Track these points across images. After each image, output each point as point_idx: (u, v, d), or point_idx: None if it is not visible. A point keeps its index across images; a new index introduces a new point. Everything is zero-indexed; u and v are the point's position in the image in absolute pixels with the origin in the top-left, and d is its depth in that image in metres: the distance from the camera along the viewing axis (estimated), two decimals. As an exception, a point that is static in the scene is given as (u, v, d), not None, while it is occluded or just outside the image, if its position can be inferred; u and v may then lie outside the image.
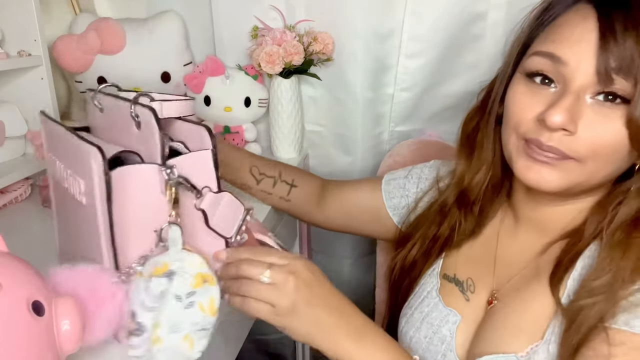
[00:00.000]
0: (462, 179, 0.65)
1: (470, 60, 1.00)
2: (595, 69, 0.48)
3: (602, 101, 0.49)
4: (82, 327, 0.43)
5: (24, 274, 0.43)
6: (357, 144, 1.09)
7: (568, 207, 0.57)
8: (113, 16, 1.07)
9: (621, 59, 0.46)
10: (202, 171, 0.51)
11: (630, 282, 0.47)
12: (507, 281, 0.60)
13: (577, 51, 0.49)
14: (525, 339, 0.53)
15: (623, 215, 0.51)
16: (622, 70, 0.47)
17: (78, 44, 1.00)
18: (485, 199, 0.65)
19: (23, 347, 0.39)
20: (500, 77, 0.60)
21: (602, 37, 0.47)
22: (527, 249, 0.61)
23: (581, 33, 0.49)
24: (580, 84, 0.49)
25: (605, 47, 0.47)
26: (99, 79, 1.04)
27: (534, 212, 0.61)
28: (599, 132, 0.49)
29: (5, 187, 0.88)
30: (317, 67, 1.03)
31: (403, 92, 1.04)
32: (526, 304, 0.56)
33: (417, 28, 0.96)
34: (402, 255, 0.71)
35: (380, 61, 1.00)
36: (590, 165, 0.51)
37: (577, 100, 0.49)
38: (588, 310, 0.48)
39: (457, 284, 0.64)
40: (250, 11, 1.02)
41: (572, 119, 0.49)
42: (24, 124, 0.94)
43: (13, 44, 0.91)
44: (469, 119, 0.66)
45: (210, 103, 1.08)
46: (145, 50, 1.04)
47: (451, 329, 0.61)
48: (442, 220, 0.68)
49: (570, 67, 0.49)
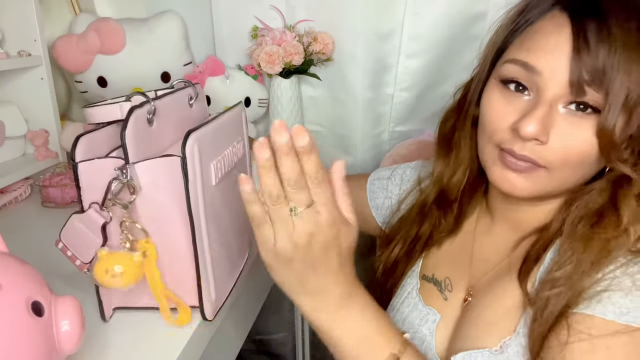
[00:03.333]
0: (440, 178, 0.66)
1: (470, 61, 0.99)
2: (568, 79, 0.48)
3: (574, 110, 0.50)
4: (82, 327, 0.43)
5: (24, 274, 0.43)
6: (357, 144, 1.10)
7: (542, 207, 0.58)
8: (113, 16, 1.07)
9: (593, 71, 0.47)
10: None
11: (590, 274, 0.48)
12: (481, 278, 0.61)
13: (551, 61, 0.49)
14: (498, 333, 0.54)
15: (584, 208, 0.53)
16: (594, 82, 0.47)
17: (78, 44, 1.00)
18: (464, 198, 0.66)
19: (23, 348, 0.39)
20: (476, 79, 0.61)
21: (575, 48, 0.48)
22: (501, 246, 0.62)
23: (555, 43, 0.49)
24: (554, 93, 0.49)
25: (579, 58, 0.47)
26: (99, 79, 1.04)
27: (509, 211, 0.62)
28: (569, 141, 0.50)
29: (5, 187, 0.88)
30: (317, 67, 1.03)
31: (403, 92, 1.04)
32: (498, 299, 0.56)
33: (417, 28, 0.96)
34: (384, 256, 0.72)
35: (380, 61, 1.00)
36: (560, 173, 0.52)
37: (550, 110, 0.50)
38: (552, 300, 0.49)
39: (436, 283, 0.65)
40: (250, 11, 1.02)
41: (544, 129, 0.50)
42: (24, 124, 0.94)
43: (13, 44, 0.91)
44: (446, 119, 0.67)
45: (210, 103, 1.08)
46: (145, 50, 1.04)
47: (431, 327, 0.62)
48: (422, 220, 0.68)
49: (544, 77, 0.50)
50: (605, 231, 0.50)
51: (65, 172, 0.93)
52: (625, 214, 0.49)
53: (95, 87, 1.05)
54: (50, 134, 0.96)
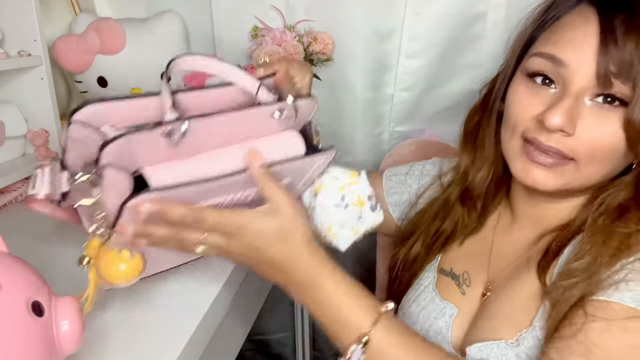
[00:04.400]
0: (465, 175, 0.66)
1: (470, 60, 1.00)
2: (595, 72, 0.49)
3: (601, 103, 0.50)
4: (82, 327, 0.44)
5: (24, 274, 0.43)
6: (357, 144, 1.10)
7: (565, 203, 0.58)
8: (113, 16, 1.07)
9: (621, 63, 0.47)
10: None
11: (608, 265, 0.48)
12: (500, 273, 0.61)
13: (578, 54, 0.49)
14: (515, 326, 0.54)
15: (606, 204, 0.53)
16: (621, 74, 0.47)
17: (78, 44, 1.00)
18: (488, 196, 0.66)
19: (23, 348, 0.39)
20: (502, 75, 0.61)
21: (602, 41, 0.48)
22: (521, 243, 0.62)
23: (582, 36, 0.50)
24: (580, 86, 0.50)
25: (606, 51, 0.48)
26: (99, 79, 1.04)
27: (532, 208, 0.61)
28: (597, 133, 0.50)
29: (5, 187, 0.88)
30: (317, 67, 1.03)
31: (403, 92, 1.04)
32: (516, 292, 0.57)
33: (417, 28, 0.96)
34: (404, 251, 0.71)
35: (380, 61, 1.00)
36: (588, 167, 0.51)
37: (576, 102, 0.50)
38: (568, 290, 0.49)
39: (454, 277, 0.65)
40: (250, 11, 1.01)
41: (570, 120, 0.49)
42: (24, 124, 0.94)
43: (13, 44, 0.91)
44: (471, 116, 0.67)
45: (210, 103, 1.08)
46: (145, 50, 1.04)
47: (447, 321, 0.62)
48: (445, 216, 0.68)
49: (571, 69, 0.50)
50: (627, 225, 0.50)
51: (65, 172, 0.93)
52: None
53: (95, 87, 1.04)
54: (50, 134, 0.96)
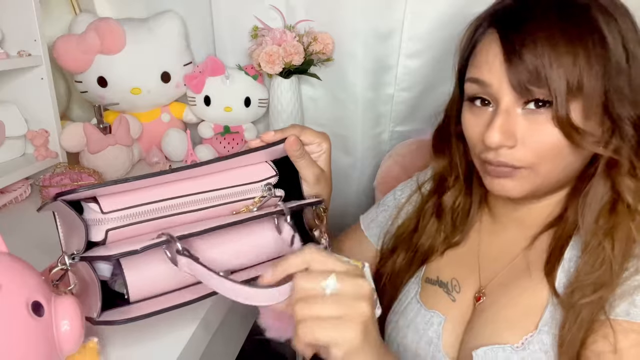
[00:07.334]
0: (439, 189, 0.69)
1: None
2: (511, 86, 0.52)
3: (532, 109, 0.52)
4: (82, 327, 0.44)
5: (24, 274, 0.43)
6: (357, 144, 1.10)
7: (545, 201, 0.60)
8: (113, 16, 1.07)
9: (528, 73, 0.50)
10: None
11: (622, 267, 0.51)
12: (494, 277, 0.62)
13: (494, 73, 0.53)
14: (519, 330, 0.55)
15: (595, 201, 0.54)
16: (532, 83, 0.50)
17: (78, 44, 1.00)
18: (464, 207, 0.68)
19: (22, 348, 0.39)
20: (450, 100, 0.65)
21: (506, 58, 0.52)
22: (511, 243, 0.63)
23: (493, 56, 0.53)
24: (507, 100, 0.53)
25: (512, 66, 0.51)
26: (99, 79, 1.04)
27: (512, 211, 0.63)
28: (537, 138, 0.52)
29: (5, 187, 0.88)
30: (317, 67, 1.03)
31: (403, 92, 1.04)
32: (517, 296, 0.57)
33: (417, 28, 0.96)
34: (389, 266, 0.72)
35: (380, 61, 1.00)
36: (542, 168, 0.54)
37: (509, 115, 0.53)
38: (588, 306, 0.51)
39: (441, 285, 0.66)
40: (250, 11, 1.02)
41: (507, 134, 0.53)
42: (24, 124, 0.95)
43: (13, 44, 0.91)
44: (436, 138, 0.69)
45: (210, 103, 1.08)
46: (145, 50, 1.04)
47: (437, 330, 0.62)
48: (423, 230, 0.70)
49: (494, 87, 0.53)
50: (624, 218, 0.52)
51: (65, 172, 0.93)
52: (627, 195, 0.52)
53: (95, 87, 1.05)
54: (50, 134, 0.96)
